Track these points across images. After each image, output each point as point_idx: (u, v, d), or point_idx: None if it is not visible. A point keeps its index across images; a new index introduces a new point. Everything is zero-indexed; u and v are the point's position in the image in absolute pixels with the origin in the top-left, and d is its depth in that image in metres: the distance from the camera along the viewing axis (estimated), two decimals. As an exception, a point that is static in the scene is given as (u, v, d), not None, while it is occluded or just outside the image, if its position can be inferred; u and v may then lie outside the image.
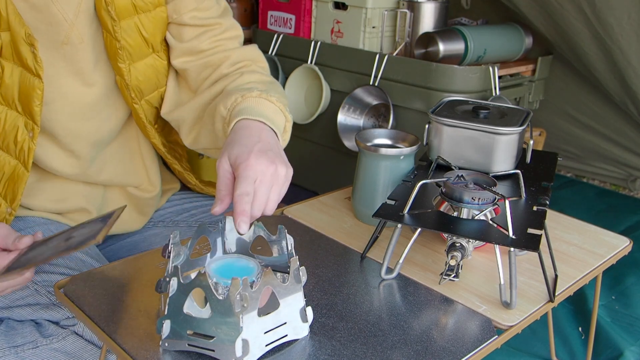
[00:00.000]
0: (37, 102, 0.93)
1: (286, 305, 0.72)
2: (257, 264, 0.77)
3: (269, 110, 0.93)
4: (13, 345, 0.92)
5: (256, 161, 0.79)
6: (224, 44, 1.08)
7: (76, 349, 0.95)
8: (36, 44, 0.91)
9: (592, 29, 1.62)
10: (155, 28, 1.02)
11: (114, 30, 0.96)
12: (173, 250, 0.76)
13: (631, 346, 1.32)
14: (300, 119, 1.85)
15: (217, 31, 1.07)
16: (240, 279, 0.67)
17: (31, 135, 0.96)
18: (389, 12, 1.71)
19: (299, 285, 0.74)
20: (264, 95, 0.94)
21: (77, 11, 0.94)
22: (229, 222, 0.83)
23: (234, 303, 0.66)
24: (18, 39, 0.90)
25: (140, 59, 1.02)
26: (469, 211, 0.88)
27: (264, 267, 0.74)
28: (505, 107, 1.12)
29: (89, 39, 0.97)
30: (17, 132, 0.96)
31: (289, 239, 0.79)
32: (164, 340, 0.71)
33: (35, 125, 0.95)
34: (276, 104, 0.95)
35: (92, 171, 1.08)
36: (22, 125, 0.96)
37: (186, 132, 1.08)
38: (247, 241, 0.84)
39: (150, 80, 1.06)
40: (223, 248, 0.84)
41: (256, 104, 0.93)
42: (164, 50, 1.07)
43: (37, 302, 0.96)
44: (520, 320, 0.83)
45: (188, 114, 1.07)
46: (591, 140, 2.13)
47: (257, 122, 0.89)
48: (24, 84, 0.93)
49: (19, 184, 0.98)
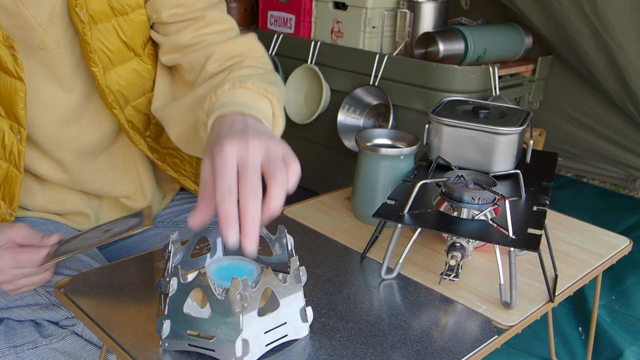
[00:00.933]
0: (22, 105, 0.92)
1: (286, 305, 0.72)
2: (256, 265, 0.77)
3: (247, 97, 0.80)
4: (13, 346, 0.92)
5: (230, 144, 0.64)
6: (207, 39, 0.98)
7: (76, 349, 0.95)
8: (15, 46, 0.89)
9: (592, 27, 1.62)
10: (134, 31, 0.99)
11: (84, 32, 0.92)
12: (173, 250, 0.76)
13: (631, 346, 1.32)
14: (300, 119, 1.85)
15: (199, 24, 0.98)
16: (240, 279, 0.67)
17: (19, 137, 0.95)
18: (389, 12, 1.71)
19: (299, 285, 0.74)
20: (238, 85, 0.82)
21: (50, 16, 0.92)
22: None
23: (234, 303, 0.66)
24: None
25: (121, 63, 0.99)
26: (469, 211, 0.88)
27: (263, 268, 0.74)
28: (505, 107, 1.12)
29: (66, 43, 0.95)
30: (4, 136, 0.95)
31: (289, 238, 0.79)
32: (164, 340, 0.71)
33: (21, 128, 0.94)
34: (253, 89, 0.82)
35: (82, 179, 1.06)
36: (7, 129, 0.95)
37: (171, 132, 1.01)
38: None
39: (134, 85, 1.03)
40: (223, 248, 0.84)
41: (231, 97, 0.80)
42: (150, 55, 1.04)
43: (37, 303, 0.96)
44: (520, 320, 0.83)
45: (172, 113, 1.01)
46: (591, 140, 2.13)
47: (234, 114, 0.75)
48: (5, 87, 0.92)
49: (14, 186, 0.98)
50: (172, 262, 0.75)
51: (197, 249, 0.87)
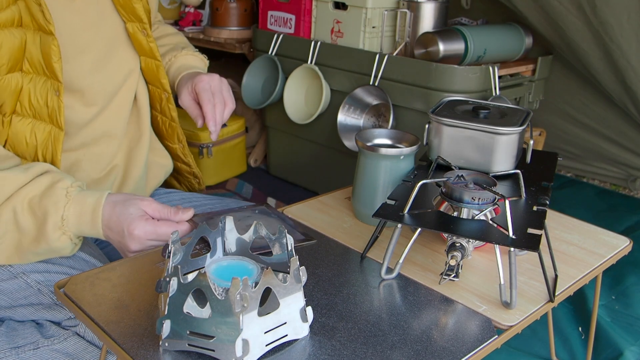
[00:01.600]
0: (56, 59, 0.95)
1: (286, 305, 0.72)
2: (256, 265, 0.77)
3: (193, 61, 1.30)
4: (14, 346, 0.92)
5: (204, 77, 1.16)
6: None
7: (77, 350, 0.95)
8: (43, 3, 0.93)
9: (591, 28, 1.62)
10: None
11: None
12: (173, 250, 0.76)
13: (631, 346, 1.32)
14: (300, 119, 1.85)
15: None
16: (240, 279, 0.67)
17: (57, 93, 0.98)
18: (389, 12, 1.71)
19: (299, 285, 0.74)
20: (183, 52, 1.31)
21: None
22: (229, 222, 0.83)
23: (234, 303, 0.66)
24: (30, 4, 0.93)
25: None
26: (469, 211, 0.88)
27: (263, 267, 0.74)
28: (505, 107, 1.12)
29: None
30: (47, 96, 0.98)
31: (289, 238, 0.79)
32: (164, 340, 0.71)
33: (58, 82, 0.97)
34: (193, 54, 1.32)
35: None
36: (50, 88, 0.98)
37: None
38: (247, 241, 0.84)
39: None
40: (223, 248, 0.84)
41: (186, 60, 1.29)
42: None
43: (40, 302, 0.96)
44: (520, 320, 0.83)
45: None
46: (591, 140, 2.13)
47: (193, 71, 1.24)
48: (44, 46, 0.95)
49: (56, 144, 1.00)
50: (172, 262, 0.76)
51: (197, 249, 0.88)
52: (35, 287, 0.96)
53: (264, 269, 0.70)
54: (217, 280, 0.72)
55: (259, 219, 1.05)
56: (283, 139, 2.06)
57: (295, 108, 1.88)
